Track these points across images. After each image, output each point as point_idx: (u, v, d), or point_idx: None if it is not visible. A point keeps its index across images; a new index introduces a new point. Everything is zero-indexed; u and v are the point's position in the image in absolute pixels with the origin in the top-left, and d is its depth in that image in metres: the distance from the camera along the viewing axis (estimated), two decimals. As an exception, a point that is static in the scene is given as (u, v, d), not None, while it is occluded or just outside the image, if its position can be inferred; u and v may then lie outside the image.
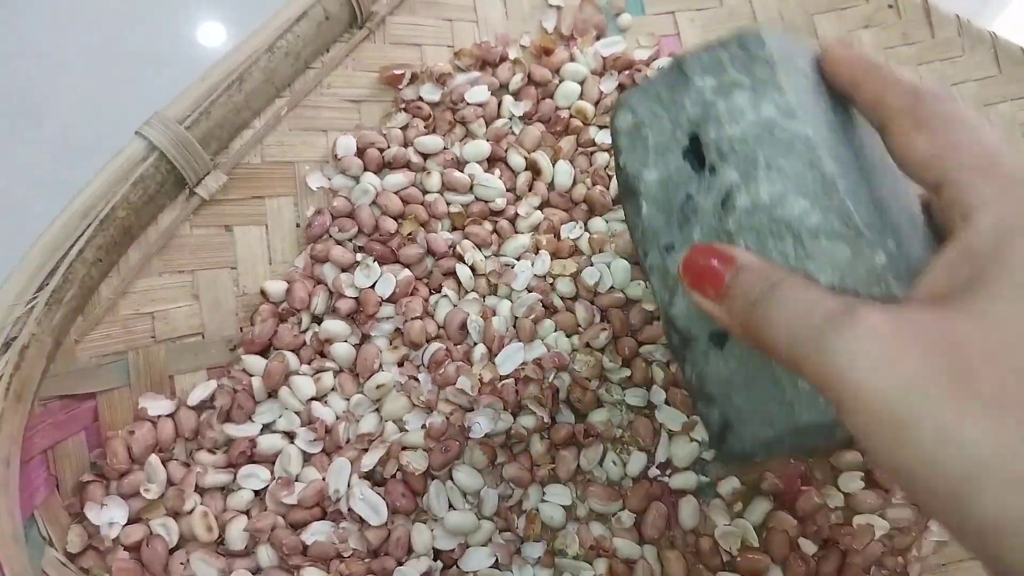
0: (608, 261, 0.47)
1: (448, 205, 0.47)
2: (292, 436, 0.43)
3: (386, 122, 0.49)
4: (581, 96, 0.50)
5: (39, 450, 0.39)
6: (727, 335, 0.31)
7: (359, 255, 0.46)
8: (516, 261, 0.47)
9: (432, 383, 0.44)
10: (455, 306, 0.46)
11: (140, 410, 0.42)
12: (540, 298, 0.45)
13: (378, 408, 0.44)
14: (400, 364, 0.45)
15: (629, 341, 0.45)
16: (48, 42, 0.61)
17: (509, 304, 0.46)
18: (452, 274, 0.47)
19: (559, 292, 0.46)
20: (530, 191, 0.48)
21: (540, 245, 0.47)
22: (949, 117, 0.27)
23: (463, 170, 0.48)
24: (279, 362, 0.43)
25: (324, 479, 0.42)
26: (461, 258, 0.46)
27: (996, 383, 0.20)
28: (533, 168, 0.48)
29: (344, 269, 0.45)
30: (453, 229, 0.48)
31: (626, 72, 0.51)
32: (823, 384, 0.22)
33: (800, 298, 0.24)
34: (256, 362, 0.43)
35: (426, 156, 0.48)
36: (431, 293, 0.47)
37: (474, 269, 0.46)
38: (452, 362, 0.44)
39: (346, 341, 0.45)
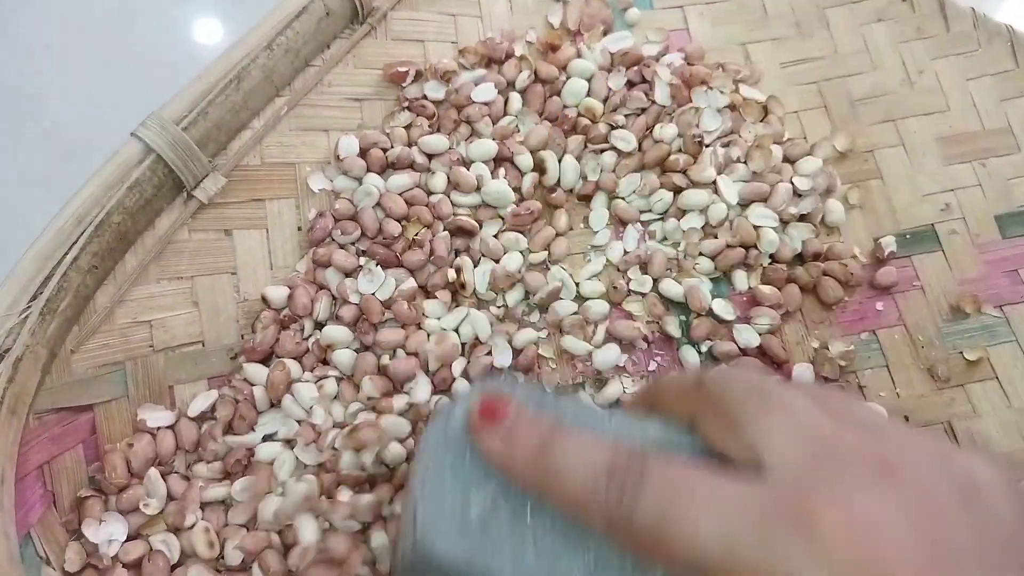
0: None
1: (454, 207, 0.46)
2: (293, 444, 0.42)
3: (389, 121, 0.48)
4: (589, 93, 0.49)
5: (35, 465, 0.38)
6: None
7: (362, 259, 0.45)
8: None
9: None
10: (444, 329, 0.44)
11: (139, 422, 0.40)
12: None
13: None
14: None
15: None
16: (41, 38, 0.59)
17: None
18: (449, 284, 0.45)
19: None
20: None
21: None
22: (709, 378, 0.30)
23: (469, 169, 0.46)
24: (281, 371, 0.42)
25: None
26: (460, 271, 0.45)
27: None
28: (539, 168, 0.47)
29: (347, 274, 0.44)
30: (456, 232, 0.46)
31: (635, 68, 0.50)
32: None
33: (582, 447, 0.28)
34: (258, 371, 0.42)
35: (431, 156, 0.47)
36: (427, 297, 0.45)
37: (463, 287, 0.45)
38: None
39: (348, 348, 0.43)
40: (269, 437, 0.42)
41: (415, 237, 0.44)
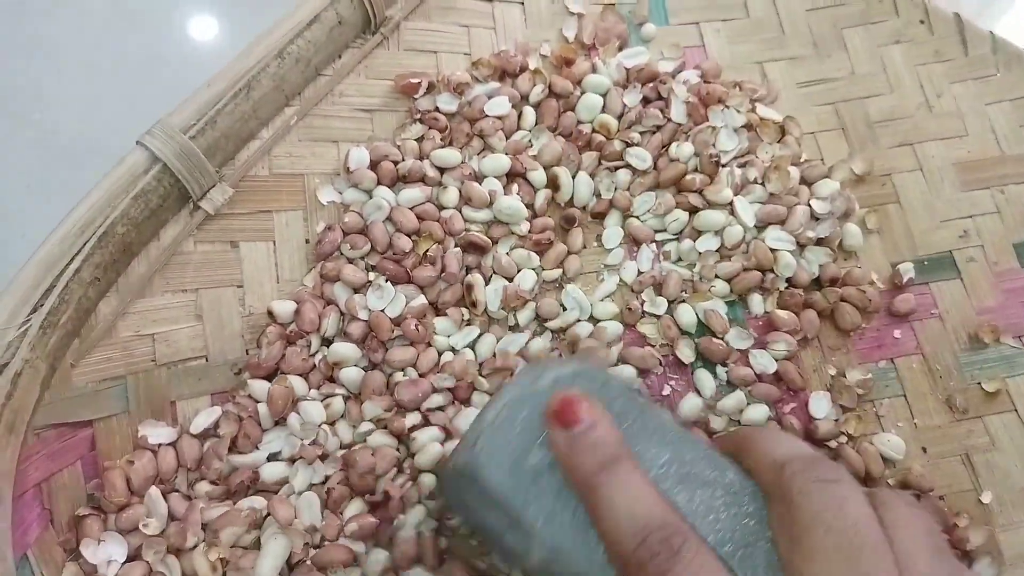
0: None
1: (465, 222, 0.45)
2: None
3: (400, 133, 0.47)
4: (604, 109, 0.48)
5: (32, 483, 0.37)
6: None
7: (371, 274, 0.44)
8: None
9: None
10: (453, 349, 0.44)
11: (140, 438, 0.39)
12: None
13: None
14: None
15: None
16: (42, 40, 0.58)
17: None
18: (460, 301, 0.45)
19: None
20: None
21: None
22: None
23: (481, 184, 0.45)
24: (283, 387, 0.40)
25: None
26: (471, 288, 0.44)
27: None
28: (553, 184, 0.46)
29: (356, 289, 0.43)
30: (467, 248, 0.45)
31: (650, 84, 0.49)
32: None
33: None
34: (263, 387, 0.41)
35: (443, 170, 0.46)
36: (437, 314, 0.44)
37: (475, 305, 0.44)
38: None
39: (356, 365, 0.42)
40: (274, 456, 0.41)
41: (426, 253, 0.43)
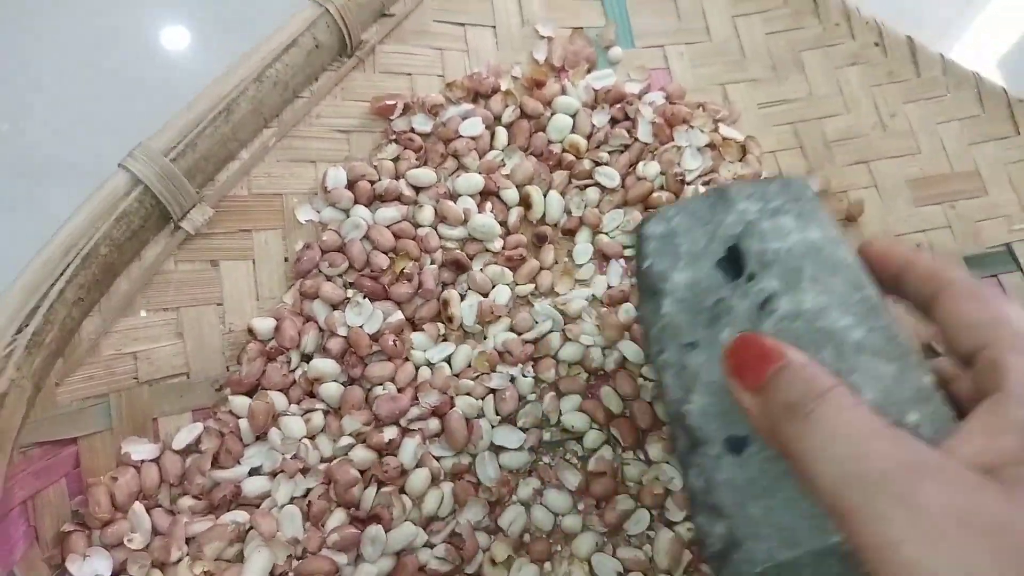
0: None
1: (441, 240, 0.46)
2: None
3: (376, 153, 0.48)
4: (573, 129, 0.50)
5: (18, 501, 0.37)
6: (747, 440, 0.29)
7: (350, 291, 0.45)
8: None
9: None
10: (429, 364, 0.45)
11: (123, 455, 0.40)
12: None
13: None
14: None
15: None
16: (17, 58, 0.58)
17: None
18: (436, 316, 0.46)
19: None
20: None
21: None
22: (998, 294, 0.28)
23: (456, 203, 0.47)
24: (264, 402, 0.41)
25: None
26: (447, 304, 0.45)
27: None
28: (525, 202, 0.48)
29: (335, 306, 0.44)
30: (450, 266, 0.46)
31: (617, 105, 0.51)
32: (863, 544, 0.21)
33: (850, 426, 0.23)
34: (244, 403, 0.42)
35: (418, 189, 0.47)
36: (414, 329, 0.45)
37: (451, 320, 0.45)
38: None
39: (335, 381, 0.43)
40: (255, 471, 0.42)
41: (403, 271, 0.45)
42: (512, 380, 0.45)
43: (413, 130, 0.48)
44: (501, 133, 0.49)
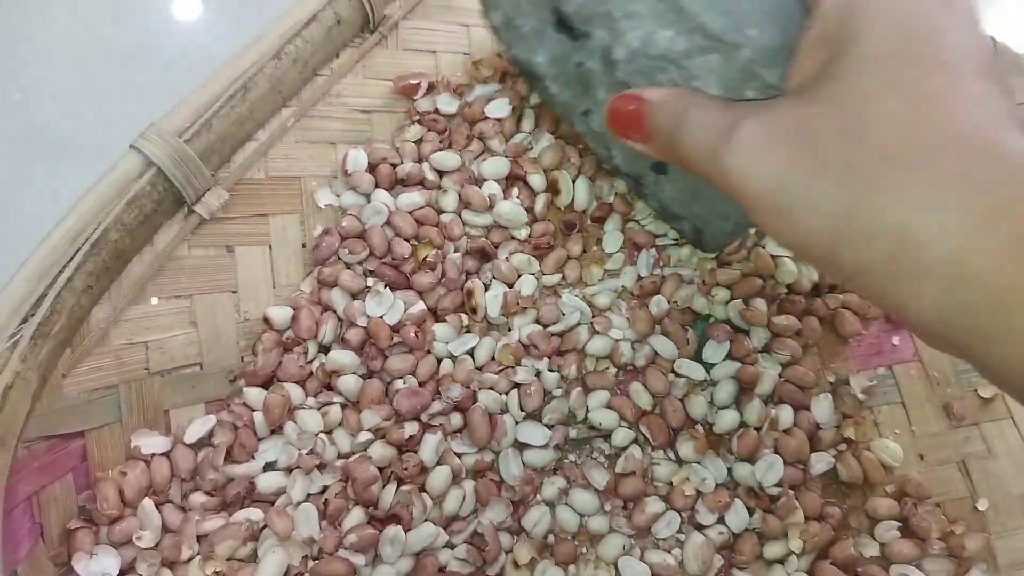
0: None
1: (465, 226, 0.44)
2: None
3: (399, 135, 0.46)
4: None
5: (23, 497, 0.35)
6: (664, 164, 0.37)
7: (370, 280, 0.43)
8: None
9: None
10: (451, 356, 0.43)
11: (133, 449, 0.38)
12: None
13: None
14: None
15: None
16: (35, 35, 0.56)
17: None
18: (459, 307, 0.44)
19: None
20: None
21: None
22: None
23: (481, 188, 0.45)
24: (279, 395, 0.40)
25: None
26: (471, 294, 0.43)
27: (842, 157, 0.23)
28: (553, 188, 0.46)
29: (354, 295, 0.42)
30: (475, 254, 0.44)
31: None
32: (730, 193, 0.26)
33: (701, 120, 0.27)
34: (259, 395, 0.40)
35: (442, 173, 0.45)
36: (436, 321, 0.44)
37: (475, 311, 0.43)
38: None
39: (354, 373, 0.41)
40: (270, 466, 0.40)
41: (425, 259, 0.43)
42: (537, 374, 0.43)
43: (437, 111, 0.46)
44: (529, 115, 0.47)
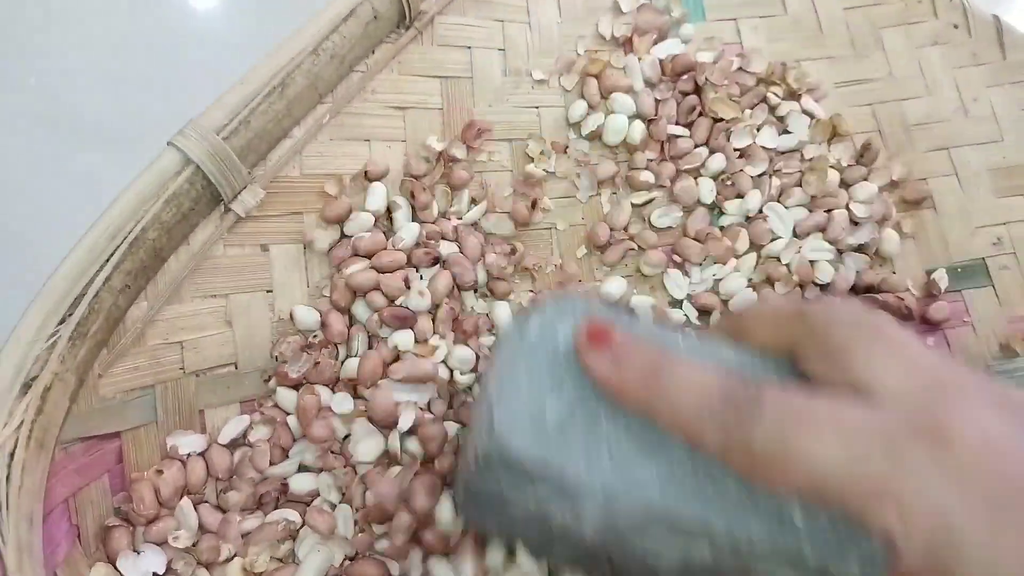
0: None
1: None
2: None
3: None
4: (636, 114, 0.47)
5: (60, 499, 0.35)
6: None
7: (404, 279, 0.42)
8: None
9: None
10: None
11: (170, 449, 0.38)
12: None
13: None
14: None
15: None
16: (71, 34, 0.55)
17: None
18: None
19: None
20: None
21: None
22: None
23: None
24: (311, 396, 0.39)
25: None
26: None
27: None
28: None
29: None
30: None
31: (685, 76, 0.48)
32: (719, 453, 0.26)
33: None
34: (291, 396, 0.40)
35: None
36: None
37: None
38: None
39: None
40: (305, 467, 0.40)
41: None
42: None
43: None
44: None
